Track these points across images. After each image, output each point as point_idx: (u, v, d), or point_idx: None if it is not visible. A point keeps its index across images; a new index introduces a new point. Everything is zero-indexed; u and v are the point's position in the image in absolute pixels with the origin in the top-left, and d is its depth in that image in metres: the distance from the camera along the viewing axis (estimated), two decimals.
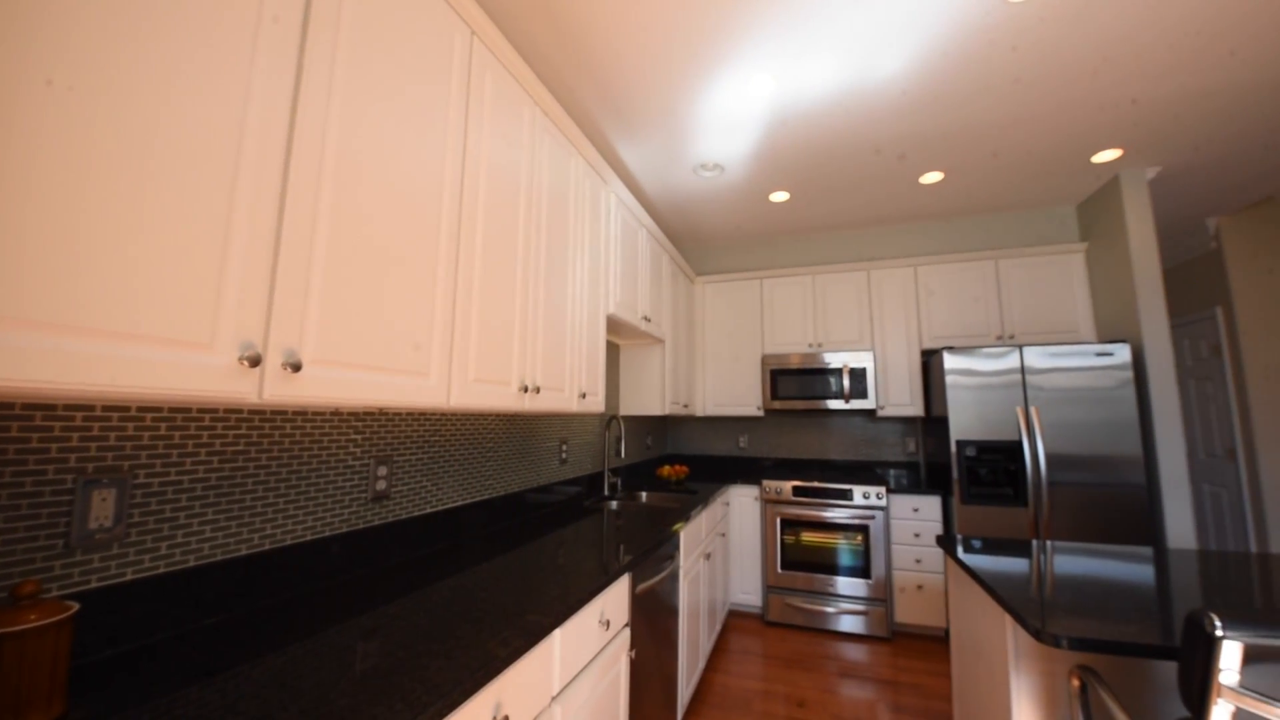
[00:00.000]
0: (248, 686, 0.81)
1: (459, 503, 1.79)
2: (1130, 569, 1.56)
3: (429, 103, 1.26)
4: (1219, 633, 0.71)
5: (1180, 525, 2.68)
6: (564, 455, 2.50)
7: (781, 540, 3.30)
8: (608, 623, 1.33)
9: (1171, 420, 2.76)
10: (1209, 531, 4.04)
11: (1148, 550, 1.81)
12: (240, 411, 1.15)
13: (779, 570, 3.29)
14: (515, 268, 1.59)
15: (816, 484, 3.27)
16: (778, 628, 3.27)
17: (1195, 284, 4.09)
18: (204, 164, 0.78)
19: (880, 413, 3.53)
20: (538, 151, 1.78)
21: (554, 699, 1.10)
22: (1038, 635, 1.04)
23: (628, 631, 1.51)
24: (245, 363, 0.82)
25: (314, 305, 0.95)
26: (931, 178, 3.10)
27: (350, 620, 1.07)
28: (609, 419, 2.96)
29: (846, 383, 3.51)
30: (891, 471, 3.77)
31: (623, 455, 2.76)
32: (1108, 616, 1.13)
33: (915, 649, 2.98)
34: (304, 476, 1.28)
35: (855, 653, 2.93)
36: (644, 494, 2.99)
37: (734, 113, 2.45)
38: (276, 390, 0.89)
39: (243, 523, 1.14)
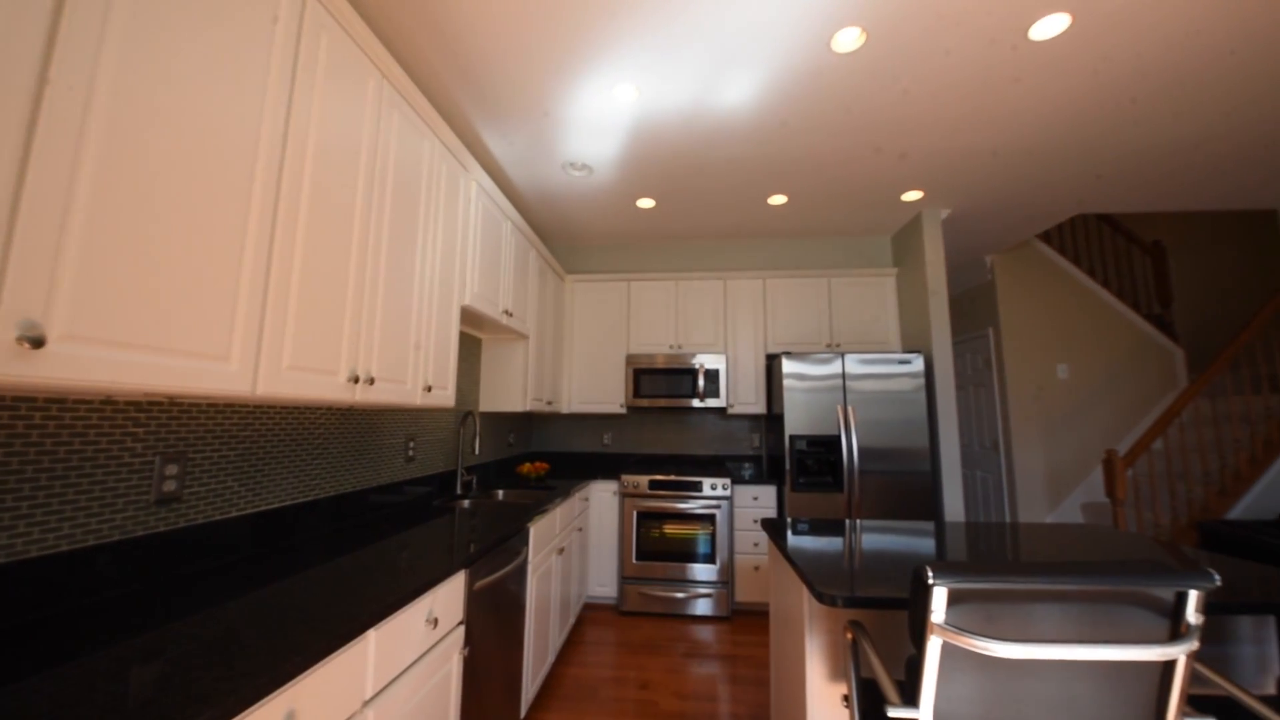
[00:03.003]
0: None
1: (277, 505, 1.61)
2: (915, 540, 1.86)
3: (244, 58, 1.12)
4: (931, 581, 0.90)
5: (954, 503, 3.26)
6: (411, 453, 2.37)
7: (637, 532, 3.44)
8: (436, 621, 1.30)
9: (951, 419, 3.34)
10: (979, 507, 4.96)
11: (930, 524, 2.17)
12: None
13: (634, 561, 3.42)
14: (350, 248, 1.48)
15: (671, 477, 3.45)
16: (632, 616, 3.39)
17: (975, 308, 5.00)
18: None
19: (730, 410, 3.83)
20: (384, 127, 1.67)
21: (366, 703, 1.05)
22: (820, 598, 1.21)
23: (461, 630, 1.47)
24: None
25: (69, 271, 0.81)
26: (777, 200, 3.43)
27: (118, 642, 0.92)
28: (464, 415, 2.86)
29: (701, 383, 3.75)
30: (746, 465, 4.10)
31: (477, 453, 2.68)
32: (882, 579, 1.35)
33: (751, 625, 3.28)
34: (59, 476, 1.07)
35: (700, 633, 3.15)
36: (500, 492, 2.93)
37: (601, 116, 2.50)
38: (9, 370, 0.74)
39: None
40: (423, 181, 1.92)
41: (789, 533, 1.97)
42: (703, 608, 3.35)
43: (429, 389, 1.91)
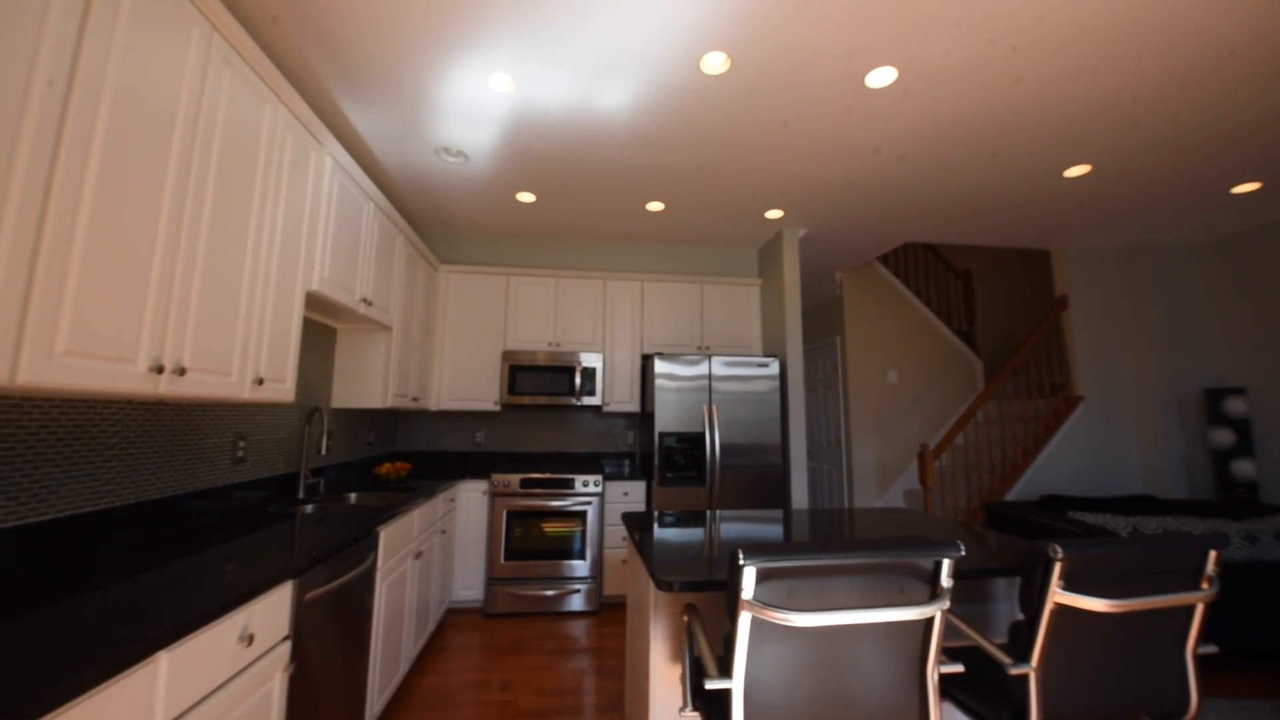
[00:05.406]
0: None
1: (53, 515, 1.36)
2: (765, 527, 2.04)
3: None
4: (742, 562, 1.00)
5: (800, 493, 3.62)
6: (241, 453, 2.11)
7: (508, 532, 3.37)
8: (251, 638, 1.18)
9: (800, 418, 3.71)
10: (822, 496, 5.54)
11: (779, 512, 2.39)
12: None
13: (503, 561, 3.35)
14: (158, 216, 1.29)
15: (544, 475, 3.44)
16: (499, 618, 3.32)
17: (826, 318, 5.58)
18: None
19: (605, 409, 3.90)
20: (212, 84, 1.48)
21: None
22: (659, 584, 1.29)
23: (287, 645, 1.35)
24: None
25: None
26: (655, 206, 3.56)
27: None
28: (311, 411, 2.61)
29: (579, 381, 3.78)
30: (622, 462, 4.19)
31: (324, 452, 2.46)
32: (724, 564, 1.46)
33: (617, 617, 3.37)
34: None
35: (568, 629, 3.17)
36: (353, 495, 2.72)
37: (476, 103, 2.42)
38: None
39: None
40: (260, 150, 1.72)
41: (655, 525, 2.06)
42: (569, 604, 3.38)
43: (261, 381, 1.72)
